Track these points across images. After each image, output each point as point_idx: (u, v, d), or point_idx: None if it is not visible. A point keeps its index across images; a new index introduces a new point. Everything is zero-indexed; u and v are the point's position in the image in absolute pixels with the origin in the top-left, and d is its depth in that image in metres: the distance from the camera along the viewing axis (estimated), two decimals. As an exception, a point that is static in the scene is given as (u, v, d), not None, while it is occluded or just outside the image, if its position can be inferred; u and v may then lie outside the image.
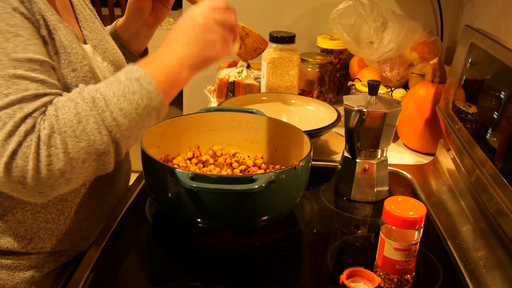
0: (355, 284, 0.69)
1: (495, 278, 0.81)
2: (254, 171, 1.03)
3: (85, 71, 0.83)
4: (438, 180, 1.13)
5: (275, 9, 1.69)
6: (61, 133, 0.68)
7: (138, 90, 0.73)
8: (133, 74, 0.75)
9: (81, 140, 0.69)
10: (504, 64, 0.92)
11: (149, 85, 0.74)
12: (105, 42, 0.99)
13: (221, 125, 1.08)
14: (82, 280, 0.80)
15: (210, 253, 0.88)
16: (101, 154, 0.71)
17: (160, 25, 1.16)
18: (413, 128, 1.26)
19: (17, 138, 0.67)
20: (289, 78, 1.40)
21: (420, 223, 0.76)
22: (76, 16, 0.95)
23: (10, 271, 0.87)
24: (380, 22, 1.47)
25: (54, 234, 0.88)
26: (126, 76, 0.74)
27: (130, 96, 0.72)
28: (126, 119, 0.72)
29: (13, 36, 0.71)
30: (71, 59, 0.81)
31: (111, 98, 0.72)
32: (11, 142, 0.67)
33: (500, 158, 0.89)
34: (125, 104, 0.72)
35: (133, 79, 0.74)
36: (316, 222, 0.98)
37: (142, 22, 1.08)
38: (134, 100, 0.73)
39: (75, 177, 0.70)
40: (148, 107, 0.74)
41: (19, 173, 0.67)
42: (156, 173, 0.88)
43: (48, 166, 0.67)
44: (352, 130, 0.97)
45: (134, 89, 0.73)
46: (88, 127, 0.69)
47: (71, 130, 0.69)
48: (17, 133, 0.67)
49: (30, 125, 0.68)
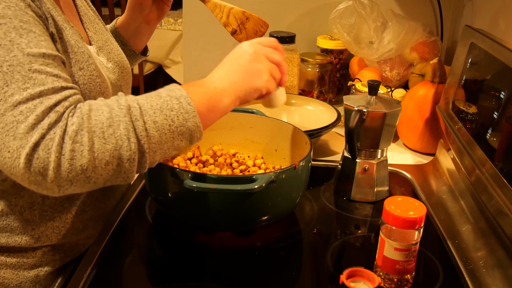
0: (355, 284, 0.69)
1: (495, 278, 0.81)
2: (254, 171, 1.03)
3: (92, 69, 0.84)
4: (438, 180, 1.13)
5: (275, 9, 1.69)
6: (90, 131, 0.69)
7: (176, 108, 0.74)
8: (175, 92, 0.75)
9: (108, 143, 0.69)
10: (504, 64, 0.92)
11: (187, 105, 0.74)
12: (110, 43, 1.00)
13: (221, 125, 1.08)
14: (83, 280, 0.80)
15: (210, 253, 0.88)
16: (126, 161, 0.71)
17: (160, 25, 1.16)
18: (413, 128, 1.27)
19: (40, 131, 0.67)
20: (289, 78, 1.40)
21: (420, 223, 0.76)
22: (80, 17, 0.96)
23: (14, 270, 0.87)
24: (380, 22, 1.47)
25: (61, 232, 0.88)
26: (167, 93, 0.75)
27: (167, 112, 0.73)
28: (158, 132, 0.72)
29: (27, 32, 0.72)
30: (78, 58, 0.82)
31: (148, 110, 0.72)
32: (34, 134, 0.67)
33: (500, 158, 0.89)
34: (160, 118, 0.72)
35: (174, 97, 0.75)
36: (316, 222, 0.98)
37: (143, 19, 1.09)
38: (169, 116, 0.73)
39: (96, 177, 0.70)
40: (182, 126, 0.74)
41: (41, 165, 0.67)
42: (156, 173, 0.88)
43: (70, 161, 0.68)
44: (352, 130, 0.97)
45: (172, 106, 0.74)
46: (118, 131, 0.70)
47: (100, 131, 0.69)
48: (40, 125, 0.67)
49: (53, 119, 0.68)
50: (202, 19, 1.72)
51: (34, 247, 0.87)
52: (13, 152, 0.67)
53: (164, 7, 1.08)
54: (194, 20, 1.73)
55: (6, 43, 0.70)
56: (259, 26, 1.00)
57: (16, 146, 0.67)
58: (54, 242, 0.88)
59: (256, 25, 1.00)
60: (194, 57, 1.77)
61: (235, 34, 1.01)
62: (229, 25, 1.00)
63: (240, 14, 0.99)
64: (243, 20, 0.99)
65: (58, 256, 0.90)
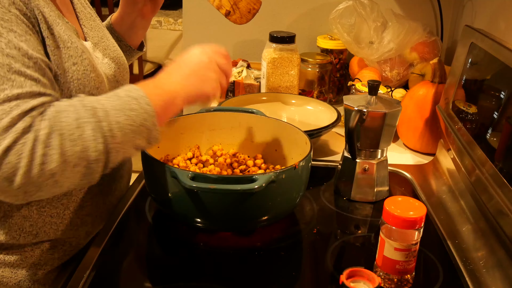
0: (355, 284, 0.69)
1: (495, 278, 0.81)
2: (254, 171, 1.03)
3: (86, 64, 0.84)
4: (438, 180, 1.13)
5: (275, 9, 1.69)
6: (60, 134, 0.69)
7: (136, 108, 0.75)
8: (133, 92, 0.77)
9: (77, 145, 0.70)
10: (504, 64, 0.92)
11: (146, 106, 0.76)
12: (106, 39, 1.00)
13: (221, 125, 1.08)
14: (83, 280, 0.80)
15: (210, 253, 0.88)
16: (92, 162, 0.72)
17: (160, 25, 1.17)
18: (413, 128, 1.27)
19: (13, 135, 0.66)
20: (289, 78, 1.40)
21: (420, 223, 0.76)
22: (76, 14, 0.96)
23: (13, 269, 0.87)
24: (380, 22, 1.47)
25: (60, 228, 0.89)
26: (126, 93, 0.77)
27: (128, 112, 0.75)
28: (121, 132, 0.74)
29: (7, 31, 0.71)
30: (71, 53, 0.82)
31: (110, 110, 0.73)
32: (6, 138, 0.66)
33: (500, 158, 0.89)
34: (122, 118, 0.74)
35: (132, 97, 0.76)
36: (316, 222, 0.98)
37: (137, 13, 1.09)
38: (130, 117, 0.75)
39: (63, 180, 0.70)
40: (142, 126, 0.76)
41: (9, 170, 0.66)
42: (156, 173, 0.88)
43: (41, 165, 0.67)
44: (352, 130, 0.97)
45: (132, 107, 0.75)
46: (85, 133, 0.70)
47: (69, 133, 0.69)
48: (13, 129, 0.67)
49: (28, 123, 0.68)
50: (202, 19, 1.72)
51: (33, 243, 0.87)
52: None
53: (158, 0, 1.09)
54: (194, 20, 1.73)
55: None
56: (252, 3, 1.00)
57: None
58: (52, 237, 0.88)
59: (249, 3, 1.00)
60: (194, 57, 1.77)
61: (229, 16, 1.01)
62: (222, 7, 1.00)
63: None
64: (236, 0, 0.99)
65: (57, 255, 0.90)
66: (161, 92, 0.81)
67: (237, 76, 1.51)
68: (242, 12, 1.00)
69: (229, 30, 1.68)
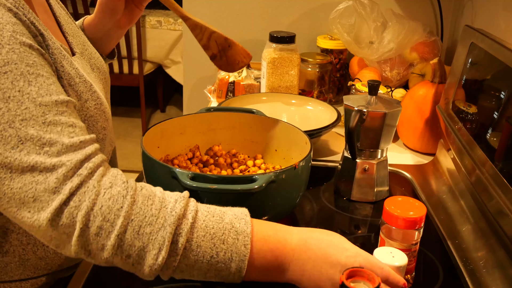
0: (355, 284, 0.69)
1: (495, 278, 0.81)
2: (254, 171, 1.03)
3: (95, 98, 0.80)
4: (438, 180, 1.13)
5: (275, 9, 1.69)
6: (127, 218, 0.64)
7: (230, 243, 0.67)
8: (239, 224, 0.69)
9: (139, 240, 0.64)
10: (504, 64, 0.92)
11: (242, 247, 0.67)
12: (87, 46, 0.94)
13: (221, 125, 1.08)
14: (83, 280, 0.80)
15: (210, 253, 0.88)
16: (147, 266, 0.66)
17: (160, 25, 1.15)
18: (413, 128, 1.27)
19: (61, 196, 0.62)
20: (289, 78, 1.40)
21: (420, 223, 0.76)
22: (56, 18, 0.90)
23: None
24: (380, 22, 1.47)
25: (73, 260, 0.87)
26: (231, 220, 0.69)
27: (218, 242, 0.67)
28: (194, 257, 0.66)
29: (35, 77, 0.65)
30: (82, 89, 0.78)
31: (199, 229, 0.66)
32: (55, 199, 0.62)
33: (500, 158, 0.89)
34: (206, 245, 0.66)
35: (234, 229, 0.68)
36: (316, 222, 0.98)
37: (114, 23, 1.01)
38: (216, 248, 0.66)
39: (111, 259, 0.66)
40: (223, 264, 0.67)
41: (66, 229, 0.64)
42: (156, 173, 0.88)
43: (94, 236, 0.64)
44: (352, 130, 0.97)
45: (226, 238, 0.67)
46: (154, 235, 0.65)
47: (137, 224, 0.64)
48: (62, 190, 0.63)
49: (75, 183, 0.63)
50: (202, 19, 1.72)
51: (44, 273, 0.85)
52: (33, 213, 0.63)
53: (137, 11, 1.02)
54: (194, 20, 1.73)
55: (15, 94, 0.63)
56: (241, 56, 0.96)
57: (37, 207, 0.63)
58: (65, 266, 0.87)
59: (238, 55, 0.96)
60: (194, 57, 1.77)
61: (215, 60, 0.97)
62: (209, 49, 0.96)
63: (222, 40, 0.94)
64: (225, 47, 0.95)
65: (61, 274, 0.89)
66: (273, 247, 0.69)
67: (237, 76, 1.51)
68: (229, 61, 0.96)
69: (229, 30, 1.68)
